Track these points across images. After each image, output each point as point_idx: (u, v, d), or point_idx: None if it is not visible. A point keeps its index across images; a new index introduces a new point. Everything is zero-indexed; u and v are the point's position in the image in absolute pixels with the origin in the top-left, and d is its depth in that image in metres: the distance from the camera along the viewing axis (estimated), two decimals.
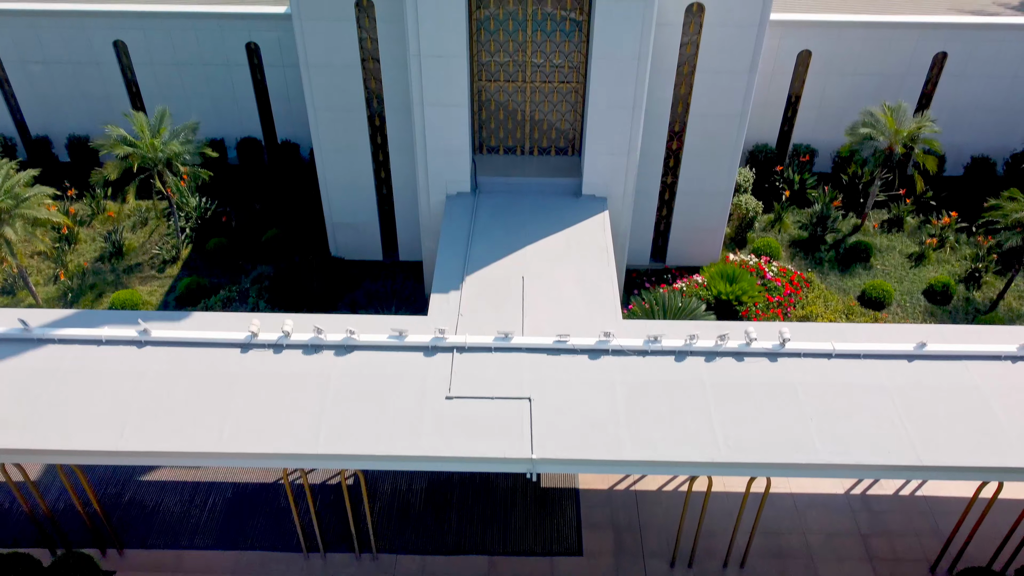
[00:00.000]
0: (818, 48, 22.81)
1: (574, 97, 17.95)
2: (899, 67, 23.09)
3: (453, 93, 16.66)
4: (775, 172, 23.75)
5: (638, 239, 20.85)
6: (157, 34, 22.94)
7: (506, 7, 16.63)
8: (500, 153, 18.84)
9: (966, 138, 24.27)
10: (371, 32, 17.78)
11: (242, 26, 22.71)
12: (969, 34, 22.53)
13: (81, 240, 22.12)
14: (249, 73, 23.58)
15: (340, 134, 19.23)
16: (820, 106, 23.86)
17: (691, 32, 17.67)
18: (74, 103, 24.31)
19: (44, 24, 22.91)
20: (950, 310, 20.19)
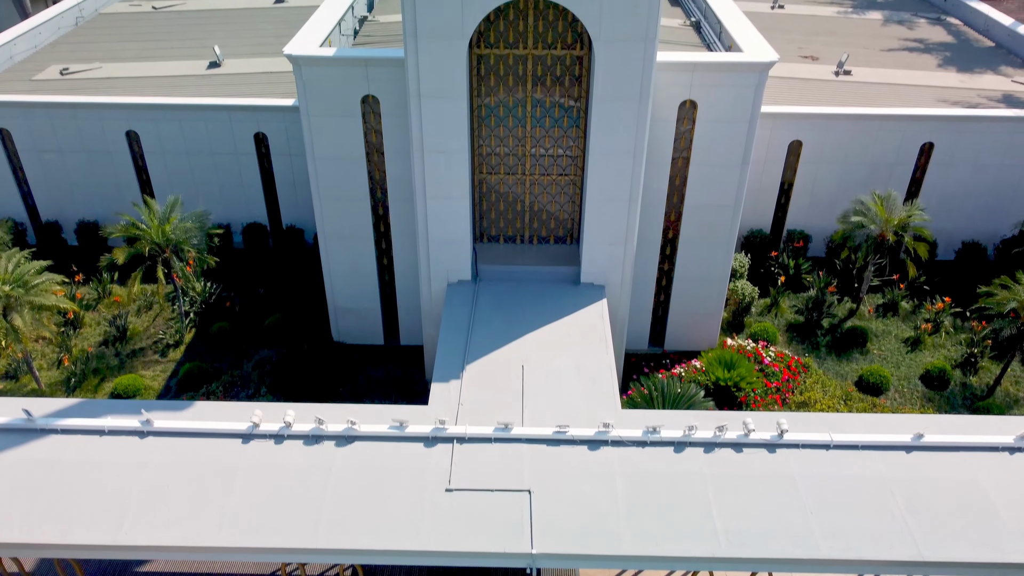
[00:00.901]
0: (809, 138, 23.55)
1: (572, 189, 18.48)
2: (888, 156, 23.79)
3: (455, 186, 17.18)
4: (770, 257, 24.18)
5: (637, 324, 21.09)
6: (169, 125, 23.71)
7: (506, 104, 17.29)
8: (500, 242, 19.27)
9: (956, 224, 24.81)
10: (376, 126, 18.44)
11: (251, 117, 23.50)
12: (954, 126, 23.30)
13: (86, 324, 22.37)
14: (257, 161, 24.27)
15: (344, 223, 19.71)
16: (812, 193, 24.47)
17: (685, 127, 18.33)
18: (85, 189, 24.94)
19: (60, 115, 23.72)
20: (947, 395, 20.28)
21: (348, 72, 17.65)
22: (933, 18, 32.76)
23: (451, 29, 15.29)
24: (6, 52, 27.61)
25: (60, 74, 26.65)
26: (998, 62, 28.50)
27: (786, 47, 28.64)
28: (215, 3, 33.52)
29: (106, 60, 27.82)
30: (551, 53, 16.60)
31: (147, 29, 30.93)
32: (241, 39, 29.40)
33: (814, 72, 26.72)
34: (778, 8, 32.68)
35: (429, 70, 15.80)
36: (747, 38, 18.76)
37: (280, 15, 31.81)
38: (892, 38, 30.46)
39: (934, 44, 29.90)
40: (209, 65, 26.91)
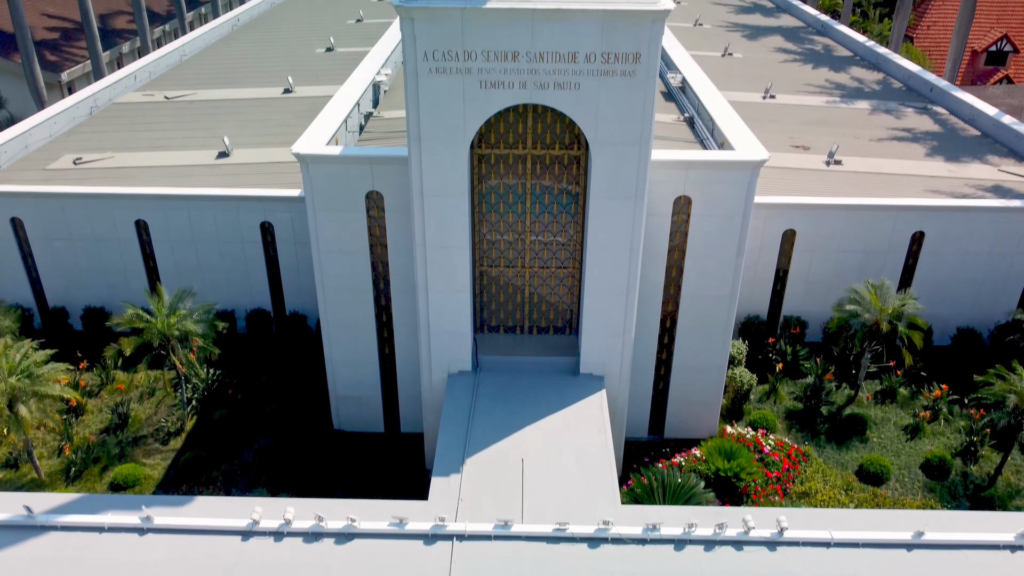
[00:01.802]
0: (802, 228, 24.11)
1: (571, 281, 18.89)
2: (880, 245, 24.31)
3: (456, 279, 17.59)
4: (768, 344, 24.45)
5: (636, 412, 21.19)
6: (178, 214, 24.33)
7: (506, 200, 17.85)
8: (501, 332, 19.57)
9: (950, 310, 25.15)
10: (379, 220, 18.97)
11: (258, 207, 24.13)
12: (943, 215, 23.89)
13: (88, 411, 22.48)
14: (262, 250, 24.79)
15: (347, 313, 20.06)
16: (807, 280, 24.90)
17: (680, 221, 18.85)
18: (93, 276, 25.39)
19: (72, 205, 24.37)
20: (948, 485, 20.23)
21: (353, 169, 18.28)
22: (920, 107, 33.84)
23: (453, 133, 15.94)
24: (22, 142, 28.49)
25: (73, 163, 27.45)
26: (984, 151, 29.35)
27: (778, 137, 29.54)
28: (225, 93, 34.69)
29: (118, 150, 28.68)
30: (550, 153, 17.24)
31: (159, 119, 31.95)
32: (250, 129, 30.34)
33: (806, 162, 27.50)
34: (769, 98, 33.77)
35: (432, 170, 16.39)
36: (739, 136, 19.46)
37: (288, 105, 32.89)
38: (881, 127, 31.42)
39: (922, 133, 30.82)
40: (218, 155, 27.74)
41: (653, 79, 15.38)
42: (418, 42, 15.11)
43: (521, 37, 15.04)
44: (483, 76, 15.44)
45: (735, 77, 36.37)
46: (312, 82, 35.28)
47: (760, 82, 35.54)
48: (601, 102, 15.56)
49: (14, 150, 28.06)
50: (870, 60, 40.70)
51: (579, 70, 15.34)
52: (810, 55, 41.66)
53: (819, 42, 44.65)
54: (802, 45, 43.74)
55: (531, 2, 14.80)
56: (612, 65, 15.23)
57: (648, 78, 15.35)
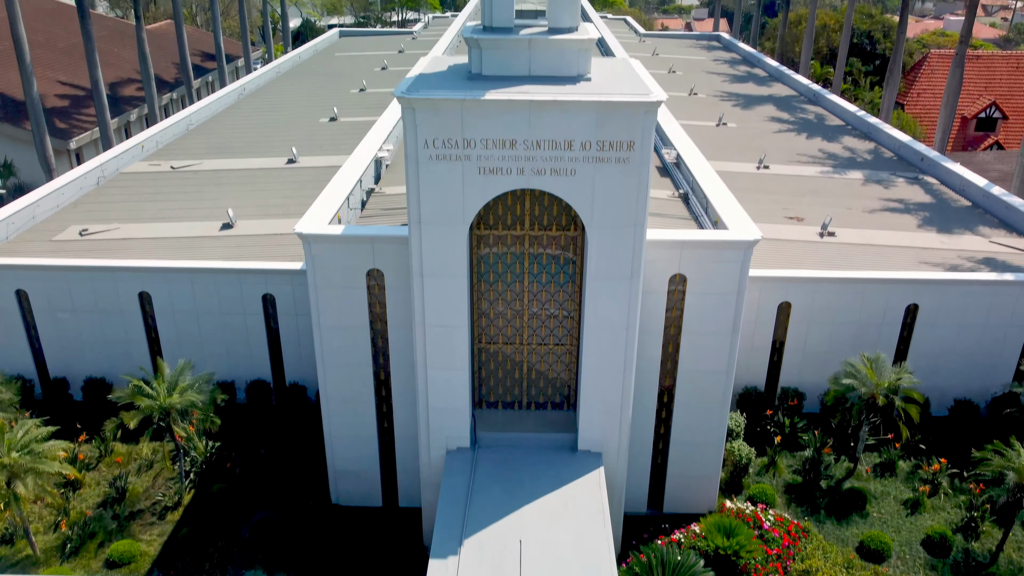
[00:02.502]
0: (797, 300, 24.42)
1: (568, 357, 19.09)
2: (875, 317, 24.58)
3: (455, 358, 17.80)
4: (766, 416, 24.52)
5: (634, 486, 21.15)
6: (181, 286, 24.67)
7: (504, 279, 18.17)
8: (499, 408, 19.68)
9: (947, 381, 25.28)
10: (380, 297, 19.27)
11: (260, 280, 24.48)
12: (937, 288, 24.22)
13: (86, 484, 22.45)
14: (263, 321, 25.06)
15: (347, 387, 20.21)
16: (804, 351, 25.09)
17: (676, 298, 19.16)
18: (95, 347, 25.60)
19: (77, 278, 24.72)
20: (950, 563, 20.09)
21: (355, 248, 18.66)
22: (911, 177, 34.51)
23: (453, 217, 16.35)
24: (29, 213, 29.01)
25: (80, 235, 27.92)
26: (975, 222, 29.86)
27: (772, 208, 30.10)
28: (230, 163, 35.43)
29: (124, 220, 29.19)
30: (547, 234, 17.62)
31: (165, 189, 32.58)
32: (254, 199, 30.92)
33: (800, 233, 27.97)
34: (764, 168, 34.47)
35: (431, 252, 16.76)
36: (732, 214, 19.91)
37: (291, 175, 33.57)
38: (873, 198, 32.01)
39: (914, 204, 31.39)
40: (222, 226, 28.23)
41: (647, 165, 15.84)
42: (419, 131, 15.62)
43: (519, 126, 15.56)
44: (482, 163, 15.92)
45: (730, 147, 37.18)
46: (316, 152, 36.08)
47: (754, 152, 36.33)
48: (597, 187, 16.01)
49: (21, 221, 28.56)
50: (861, 129, 41.64)
51: (575, 157, 15.83)
52: (803, 124, 42.63)
53: (811, 111, 45.72)
54: (795, 114, 44.78)
55: (528, 94, 15.36)
56: (607, 152, 15.71)
57: (642, 164, 15.82)
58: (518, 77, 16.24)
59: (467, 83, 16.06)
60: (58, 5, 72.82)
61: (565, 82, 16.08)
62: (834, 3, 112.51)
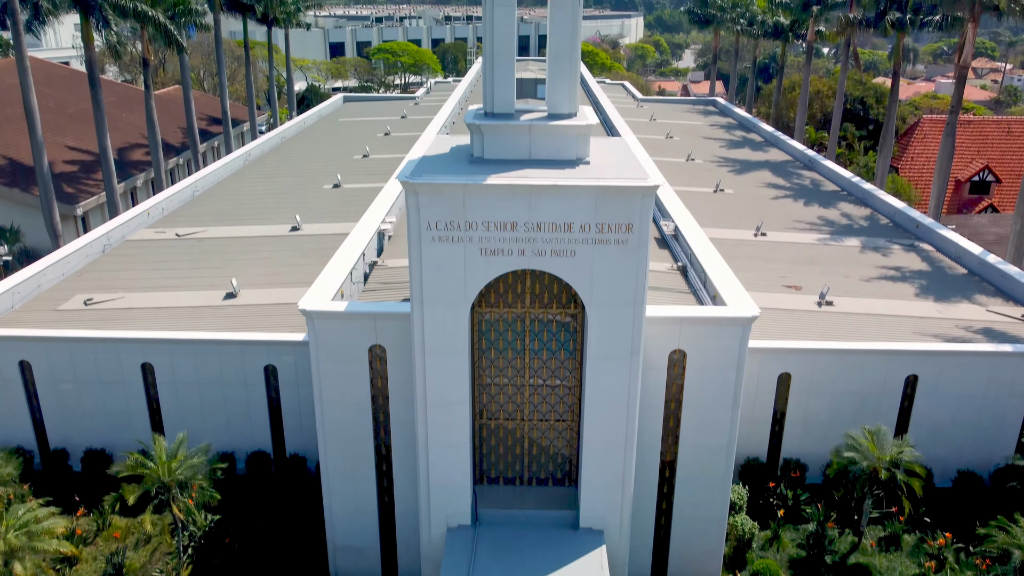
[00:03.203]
0: (797, 372, 24.51)
1: (569, 434, 19.12)
2: (875, 387, 24.64)
3: (456, 435, 17.85)
4: (768, 488, 24.38)
5: (637, 563, 20.93)
6: (183, 357, 24.80)
7: (505, 355, 18.33)
8: (500, 483, 19.63)
9: (949, 452, 25.20)
10: (382, 372, 19.39)
11: (262, 351, 24.62)
12: (935, 359, 24.34)
13: (83, 560, 22.21)
14: (265, 392, 25.12)
15: (347, 462, 20.18)
16: (805, 422, 25.08)
17: (675, 374, 19.28)
18: (96, 418, 25.60)
19: (80, 349, 24.87)
20: None
21: (357, 325, 18.87)
22: (907, 244, 34.92)
23: (455, 296, 16.60)
24: (35, 282, 29.31)
25: (84, 304, 28.16)
26: (972, 290, 30.12)
27: (770, 276, 30.41)
28: (234, 231, 35.91)
29: (129, 289, 29.48)
30: (548, 311, 17.84)
31: (169, 257, 32.97)
32: (257, 268, 31.26)
33: (798, 303, 28.20)
34: (761, 236, 34.90)
35: (433, 330, 16.96)
36: (731, 289, 20.16)
37: (295, 243, 33.99)
38: (870, 265, 32.35)
39: (910, 272, 31.71)
40: (226, 296, 28.49)
41: (645, 246, 16.16)
42: (422, 213, 15.98)
43: (519, 210, 15.92)
44: (483, 244, 16.24)
45: (728, 214, 37.71)
46: (319, 219, 36.59)
47: (752, 219, 36.83)
48: (596, 268, 16.30)
49: (27, 290, 28.85)
50: (857, 195, 42.28)
51: (574, 239, 16.15)
52: (799, 190, 43.30)
53: (807, 176, 46.47)
54: (790, 180, 45.51)
55: (528, 179, 15.76)
56: (606, 234, 16.04)
57: (640, 245, 16.14)
58: (519, 161, 16.67)
59: (469, 167, 16.48)
60: (70, 71, 74.68)
61: (565, 166, 16.50)
62: (828, 66, 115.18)
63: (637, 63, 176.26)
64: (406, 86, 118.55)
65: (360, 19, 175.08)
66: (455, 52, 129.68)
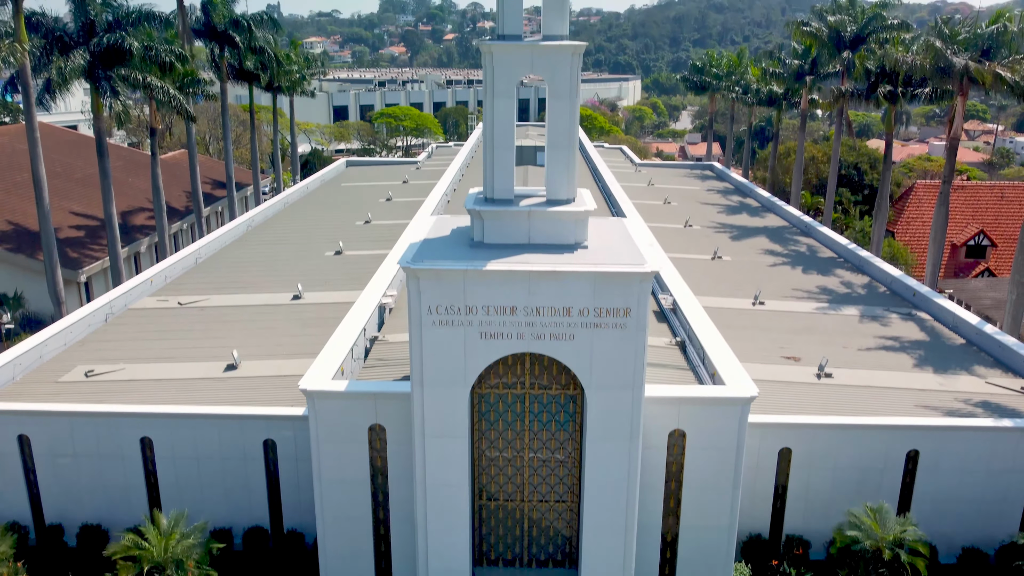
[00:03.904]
0: (797, 446, 24.44)
1: (570, 515, 19.02)
2: (876, 462, 24.53)
3: (455, 517, 17.78)
4: (771, 566, 24.07)
5: None
6: (183, 432, 24.76)
7: (505, 436, 18.36)
8: (500, 565, 19.45)
9: (953, 527, 24.95)
10: (381, 452, 19.39)
11: (262, 425, 24.60)
12: (935, 435, 24.30)
13: None
14: (264, 467, 25.00)
15: (346, 541, 20.04)
16: (807, 497, 24.89)
17: (675, 454, 19.27)
18: (93, 493, 25.43)
19: (80, 423, 24.86)
20: None
21: (357, 404, 18.96)
22: (905, 313, 35.13)
23: (455, 379, 16.73)
24: (37, 352, 29.43)
25: (85, 375, 28.23)
26: (970, 361, 30.21)
27: (769, 347, 30.52)
28: (236, 299, 36.17)
29: (130, 360, 29.57)
30: (547, 392, 17.95)
31: (171, 326, 33.14)
32: (258, 338, 31.40)
33: (797, 374, 28.25)
34: (759, 305, 35.14)
35: (433, 412, 17.04)
36: (729, 368, 20.29)
37: (296, 312, 34.21)
38: (868, 335, 32.49)
39: (908, 342, 31.84)
40: (226, 367, 28.56)
41: (643, 330, 16.36)
42: (423, 298, 16.22)
43: (519, 294, 16.17)
44: (483, 328, 16.44)
45: (726, 282, 38.04)
46: (321, 288, 36.89)
47: (750, 287, 37.12)
48: (595, 352, 16.47)
49: (29, 361, 28.94)
50: (853, 262, 42.68)
51: (573, 323, 16.37)
52: (796, 257, 43.73)
53: (803, 243, 46.98)
54: (787, 246, 46.00)
55: (528, 264, 16.05)
56: (604, 318, 16.26)
57: (639, 329, 16.34)
58: (518, 245, 17.00)
59: (470, 251, 16.80)
60: (77, 136, 76.11)
61: (563, 250, 16.82)
62: (823, 128, 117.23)
63: (635, 125, 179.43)
64: (408, 148, 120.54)
65: (363, 83, 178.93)
66: (456, 116, 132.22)
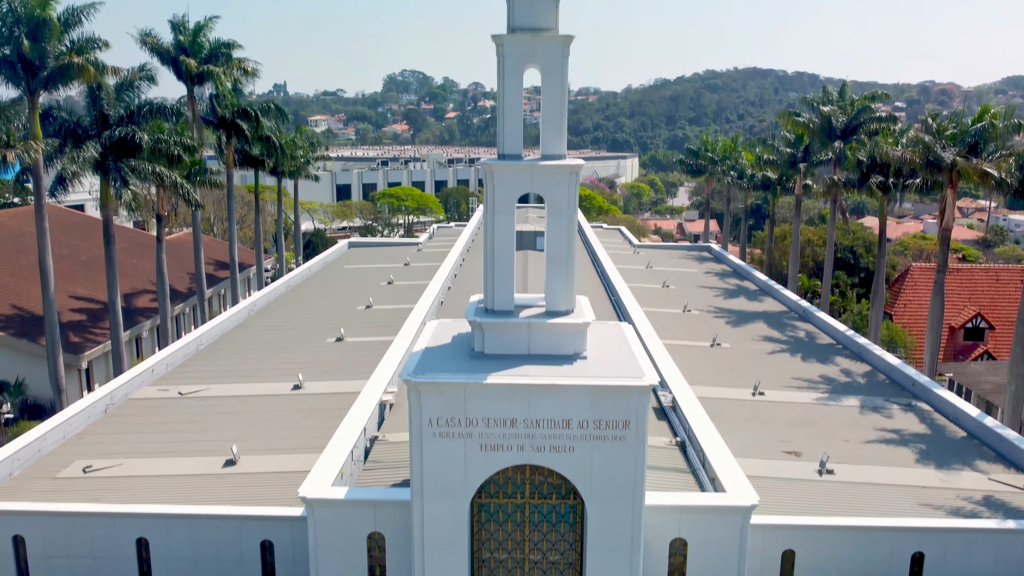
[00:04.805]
0: (801, 548, 24.09)
1: None
2: (881, 564, 24.17)
3: None
4: None
5: None
6: (179, 532, 24.50)
7: (505, 547, 18.22)
8: None
9: None
10: (380, 560, 19.23)
11: (260, 526, 24.30)
12: (940, 536, 24.03)
13: None
14: (260, 569, 24.61)
15: None
16: None
17: (677, 562, 19.09)
18: None
19: (77, 523, 24.62)
20: None
21: (356, 512, 18.92)
22: (905, 404, 35.13)
23: (454, 491, 16.76)
24: (35, 447, 29.34)
25: (83, 471, 28.08)
26: (972, 455, 30.07)
27: (768, 440, 30.44)
28: (237, 389, 36.22)
29: (129, 455, 29.45)
30: (547, 502, 17.91)
31: (171, 418, 33.10)
32: (259, 431, 31.33)
33: (798, 471, 28.10)
34: (759, 395, 35.17)
35: (433, 524, 17.01)
36: (730, 473, 20.30)
37: (297, 403, 34.21)
38: (869, 428, 32.43)
39: (910, 436, 31.76)
40: (225, 463, 28.43)
41: (642, 442, 16.46)
42: (424, 410, 16.39)
43: (519, 407, 16.34)
44: (483, 440, 16.55)
45: (725, 371, 38.16)
46: (321, 377, 36.98)
47: (749, 376, 37.21)
48: (594, 464, 16.55)
49: (27, 455, 28.84)
50: (852, 349, 42.87)
51: (573, 435, 16.49)
52: (795, 344, 43.95)
53: (801, 328, 47.28)
54: (785, 332, 46.29)
55: (528, 377, 16.28)
56: (604, 431, 16.39)
57: (638, 441, 16.45)
58: (518, 356, 17.25)
59: (470, 362, 17.04)
60: (84, 218, 77.37)
61: (563, 361, 17.06)
62: (819, 206, 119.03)
63: (633, 201, 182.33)
64: (410, 226, 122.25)
65: (366, 161, 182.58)
66: (457, 196, 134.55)
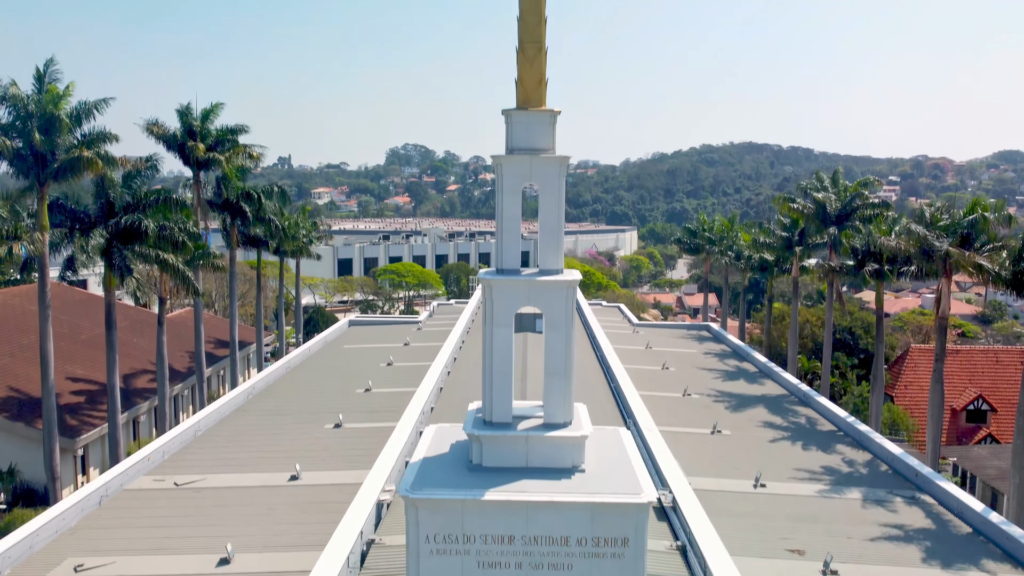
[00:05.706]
0: None
1: None
2: None
3: None
4: None
5: None
6: None
7: None
8: None
9: None
10: None
11: None
12: None
13: None
14: None
15: None
16: None
17: None
18: None
19: None
20: None
21: None
22: (909, 497, 34.75)
23: None
24: (27, 544, 28.90)
25: (74, 571, 27.60)
26: (978, 554, 29.62)
27: (771, 537, 30.03)
28: (233, 479, 35.88)
29: (122, 551, 29.00)
30: None
31: (166, 512, 32.70)
32: (254, 525, 30.92)
33: (802, 571, 27.60)
34: (760, 487, 34.83)
35: None
36: None
37: (293, 495, 33.85)
38: (873, 523, 32.01)
39: (914, 531, 31.34)
40: (219, 562, 27.96)
41: (642, 560, 16.31)
42: (421, 527, 16.29)
43: (517, 524, 16.25)
44: (481, 557, 16.40)
45: (726, 461, 37.90)
46: (319, 467, 36.66)
47: (750, 466, 36.92)
48: None
49: (18, 553, 28.38)
50: (854, 436, 42.64)
51: (571, 552, 16.34)
52: (796, 431, 43.74)
53: (802, 413, 47.11)
54: (786, 418, 46.11)
55: (526, 493, 16.24)
56: (602, 548, 16.25)
57: (636, 559, 16.29)
58: (516, 469, 17.23)
59: (468, 476, 17.01)
60: (86, 296, 77.77)
61: (561, 475, 17.04)
62: (816, 285, 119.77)
63: (632, 274, 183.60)
64: (411, 300, 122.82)
65: (368, 234, 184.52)
66: (458, 272, 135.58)
